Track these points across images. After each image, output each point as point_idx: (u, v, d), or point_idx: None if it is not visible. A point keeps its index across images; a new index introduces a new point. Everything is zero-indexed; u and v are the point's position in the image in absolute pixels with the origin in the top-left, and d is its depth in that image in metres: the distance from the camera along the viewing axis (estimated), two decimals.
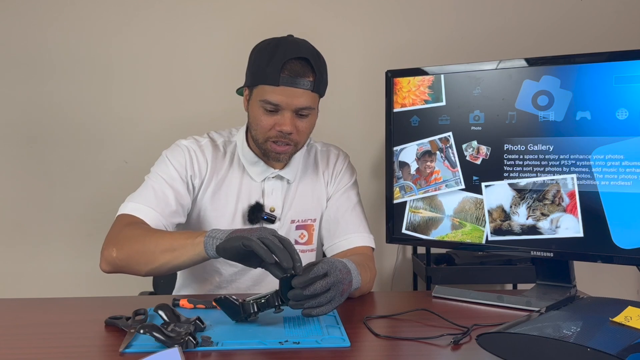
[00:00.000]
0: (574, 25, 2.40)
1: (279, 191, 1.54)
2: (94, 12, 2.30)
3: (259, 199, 1.52)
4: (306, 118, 1.44)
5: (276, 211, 1.53)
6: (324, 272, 1.14)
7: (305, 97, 1.40)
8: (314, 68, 1.40)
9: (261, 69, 1.40)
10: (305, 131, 1.46)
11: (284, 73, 1.38)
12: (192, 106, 2.33)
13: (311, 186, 1.57)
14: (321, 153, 1.62)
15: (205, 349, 1.05)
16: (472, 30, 2.39)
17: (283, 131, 1.41)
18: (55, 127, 2.32)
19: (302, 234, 1.56)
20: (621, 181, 1.29)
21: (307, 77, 1.39)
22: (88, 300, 1.45)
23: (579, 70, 1.33)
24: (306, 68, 1.40)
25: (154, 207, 1.42)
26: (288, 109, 1.40)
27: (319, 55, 1.44)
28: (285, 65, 1.38)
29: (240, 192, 1.52)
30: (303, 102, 1.40)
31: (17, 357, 1.05)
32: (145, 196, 1.44)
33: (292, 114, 1.41)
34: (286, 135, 1.42)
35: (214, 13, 2.32)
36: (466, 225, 1.47)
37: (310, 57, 1.40)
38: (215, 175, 1.52)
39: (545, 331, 0.92)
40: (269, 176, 1.53)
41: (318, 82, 1.41)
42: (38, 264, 2.34)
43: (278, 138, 1.43)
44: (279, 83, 1.38)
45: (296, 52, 1.39)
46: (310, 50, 1.43)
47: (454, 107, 1.47)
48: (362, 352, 1.09)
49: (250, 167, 1.53)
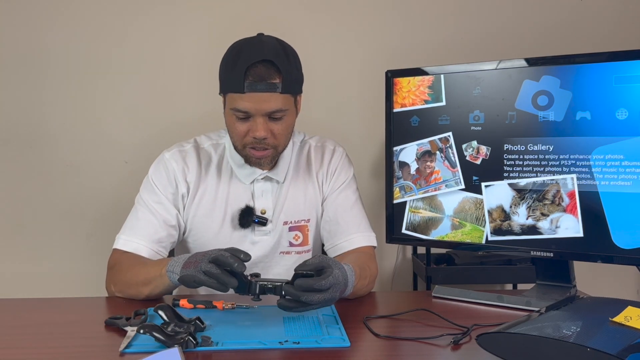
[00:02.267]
0: (574, 25, 2.40)
1: (269, 193, 1.52)
2: (93, 13, 2.29)
3: (249, 202, 1.51)
4: (280, 120, 1.41)
5: (267, 213, 1.52)
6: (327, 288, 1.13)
7: (274, 100, 1.37)
8: (280, 69, 1.36)
9: (226, 76, 1.40)
10: (283, 133, 1.43)
11: (248, 79, 1.35)
12: (192, 106, 2.33)
13: (303, 186, 1.56)
14: (315, 150, 1.59)
15: (205, 349, 1.05)
16: (472, 30, 2.39)
17: (257, 137, 1.40)
18: (54, 127, 2.32)
19: (297, 235, 1.55)
20: (621, 181, 1.29)
21: (272, 80, 1.36)
22: (88, 300, 1.45)
23: (579, 70, 1.33)
24: (270, 70, 1.35)
25: (143, 238, 1.46)
26: (258, 115, 1.38)
27: (286, 54, 1.40)
28: (249, 71, 1.35)
29: (229, 196, 1.51)
30: (272, 105, 1.37)
31: (17, 357, 1.05)
32: (134, 227, 1.48)
33: (264, 119, 1.39)
34: (261, 140, 1.41)
35: (212, 13, 2.32)
36: (466, 225, 1.47)
37: (273, 57, 1.36)
38: (203, 182, 1.51)
39: (545, 331, 0.92)
40: (257, 178, 1.51)
41: (286, 82, 1.37)
42: (38, 264, 2.34)
43: (254, 144, 1.42)
44: (244, 90, 1.35)
45: (259, 54, 1.36)
46: (274, 50, 1.38)
47: (454, 107, 1.47)
48: (362, 352, 1.09)
49: (238, 169, 1.52)
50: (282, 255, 1.54)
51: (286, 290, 1.13)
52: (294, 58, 1.42)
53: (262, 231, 1.51)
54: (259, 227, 1.51)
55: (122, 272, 1.40)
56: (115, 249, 1.47)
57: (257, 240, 1.51)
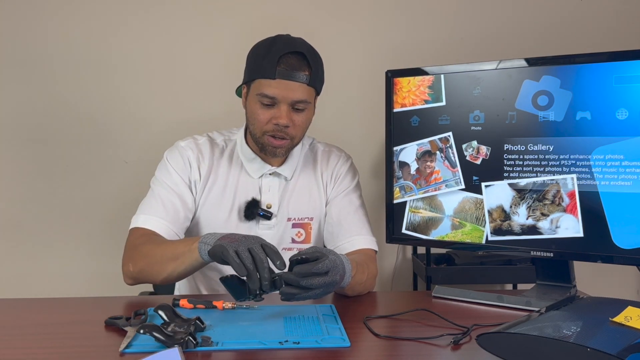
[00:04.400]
0: (574, 25, 2.40)
1: (276, 188, 1.55)
2: (97, 12, 2.30)
3: (256, 196, 1.54)
4: (302, 112, 1.46)
5: (272, 208, 1.54)
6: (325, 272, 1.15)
7: (302, 90, 1.42)
8: (310, 62, 1.43)
9: (258, 63, 1.44)
10: (302, 125, 1.47)
11: (280, 66, 1.40)
12: (194, 107, 2.33)
13: (308, 185, 1.58)
14: (322, 154, 1.63)
15: (205, 349, 1.05)
16: (472, 30, 2.39)
17: (280, 124, 1.43)
18: (55, 127, 2.32)
19: (299, 232, 1.57)
20: (621, 181, 1.29)
21: (303, 71, 1.42)
22: (88, 300, 1.45)
23: (579, 70, 1.33)
24: (302, 62, 1.42)
25: (164, 217, 1.46)
26: (284, 102, 1.42)
27: (314, 52, 1.47)
28: (282, 59, 1.40)
29: (238, 189, 1.54)
30: (299, 95, 1.42)
31: (17, 357, 1.05)
32: (154, 206, 1.48)
33: (289, 107, 1.43)
34: (283, 128, 1.44)
35: (215, 14, 2.32)
36: (466, 225, 1.47)
37: (305, 51, 1.43)
38: (214, 172, 1.54)
39: (545, 331, 0.92)
40: (266, 173, 1.54)
41: (314, 76, 1.44)
42: (38, 264, 2.34)
43: (275, 132, 1.45)
44: (275, 76, 1.40)
45: (292, 46, 1.42)
46: (306, 46, 1.46)
47: (454, 107, 1.47)
48: (362, 352, 1.09)
49: (248, 163, 1.55)
50: (285, 251, 1.54)
51: (286, 278, 1.13)
52: (320, 59, 1.49)
53: (266, 225, 1.53)
54: (264, 220, 1.53)
55: (146, 250, 1.39)
56: (134, 228, 1.46)
57: (261, 234, 1.52)
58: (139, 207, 1.50)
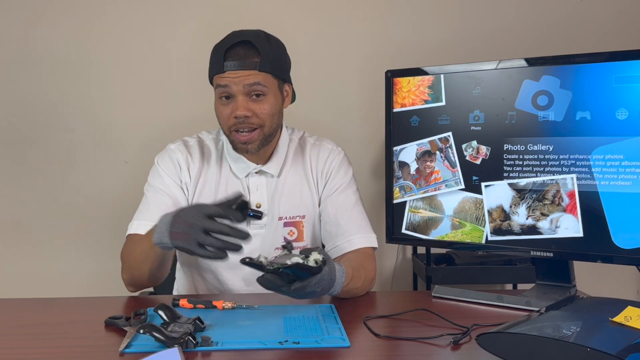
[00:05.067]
0: (574, 25, 2.40)
1: (264, 187, 1.54)
2: (93, 12, 2.29)
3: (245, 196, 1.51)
4: (261, 99, 1.45)
5: (262, 207, 1.53)
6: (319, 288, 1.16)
7: (252, 76, 1.42)
8: (259, 49, 1.43)
9: (211, 62, 1.47)
10: (266, 112, 1.46)
11: (228, 59, 1.42)
12: (193, 107, 2.32)
13: (299, 183, 1.56)
14: (312, 148, 1.60)
15: (205, 349, 1.05)
16: (472, 30, 2.39)
17: (238, 115, 1.43)
18: (55, 127, 2.32)
19: (291, 231, 1.55)
20: (621, 181, 1.29)
21: (250, 58, 1.42)
22: (88, 300, 1.45)
23: (579, 70, 1.33)
24: (250, 50, 1.43)
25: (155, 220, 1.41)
26: (239, 93, 1.43)
27: (267, 38, 1.46)
28: (228, 52, 1.43)
29: (227, 190, 1.53)
30: (250, 79, 1.42)
31: (17, 357, 1.05)
32: (148, 212, 1.48)
33: (245, 98, 1.44)
34: (244, 119, 1.44)
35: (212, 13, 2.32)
36: (466, 225, 1.47)
37: (253, 39, 1.43)
38: (203, 174, 1.54)
39: (545, 331, 0.92)
40: (251, 172, 1.53)
41: (265, 61, 1.43)
42: (38, 264, 2.34)
43: (237, 125, 1.45)
44: (224, 69, 1.42)
45: (239, 37, 1.44)
46: (254, 34, 1.46)
47: (454, 107, 1.47)
48: (362, 352, 1.09)
49: (234, 163, 1.54)
50: (278, 250, 1.53)
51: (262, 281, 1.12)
52: (276, 44, 1.49)
53: (257, 225, 1.52)
54: (254, 220, 1.50)
55: (129, 255, 1.42)
56: (129, 235, 1.47)
57: (253, 234, 1.51)
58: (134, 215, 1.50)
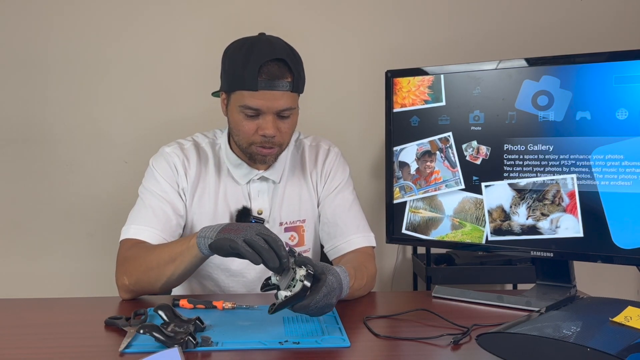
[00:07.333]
0: (574, 25, 2.40)
1: (265, 193, 1.52)
2: (93, 13, 2.29)
3: (246, 203, 1.51)
4: (288, 119, 1.42)
5: (264, 213, 1.51)
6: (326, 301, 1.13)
7: (285, 98, 1.38)
8: (291, 68, 1.38)
9: (237, 74, 1.38)
10: (288, 131, 1.44)
11: (262, 77, 1.35)
12: (192, 106, 2.33)
13: (298, 187, 1.55)
14: (309, 150, 1.59)
15: (205, 349, 1.05)
16: (472, 30, 2.39)
17: (266, 135, 1.39)
18: (54, 127, 2.32)
19: (292, 235, 1.54)
20: (621, 181, 1.29)
21: (285, 79, 1.37)
22: (88, 300, 1.45)
23: (579, 70, 1.33)
24: (283, 69, 1.37)
25: (155, 226, 1.42)
26: (269, 113, 1.38)
27: (294, 53, 1.42)
28: (262, 69, 1.35)
29: (227, 196, 1.51)
30: (283, 104, 1.38)
31: (17, 357, 1.05)
32: (145, 216, 1.44)
33: (274, 117, 1.39)
34: (270, 139, 1.41)
35: (212, 13, 2.32)
36: (466, 225, 1.47)
37: (286, 57, 1.37)
38: (202, 180, 1.51)
39: (545, 331, 0.92)
40: (253, 178, 1.51)
41: (296, 81, 1.39)
42: (38, 264, 2.34)
43: (263, 143, 1.41)
44: (257, 88, 1.35)
45: (272, 53, 1.36)
46: (285, 50, 1.40)
47: (454, 107, 1.47)
48: (362, 352, 1.09)
49: (234, 169, 1.51)
50: None
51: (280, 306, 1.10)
52: (299, 58, 1.44)
53: None
54: None
55: (140, 259, 1.35)
56: (124, 239, 1.42)
57: None
58: (128, 217, 1.46)
